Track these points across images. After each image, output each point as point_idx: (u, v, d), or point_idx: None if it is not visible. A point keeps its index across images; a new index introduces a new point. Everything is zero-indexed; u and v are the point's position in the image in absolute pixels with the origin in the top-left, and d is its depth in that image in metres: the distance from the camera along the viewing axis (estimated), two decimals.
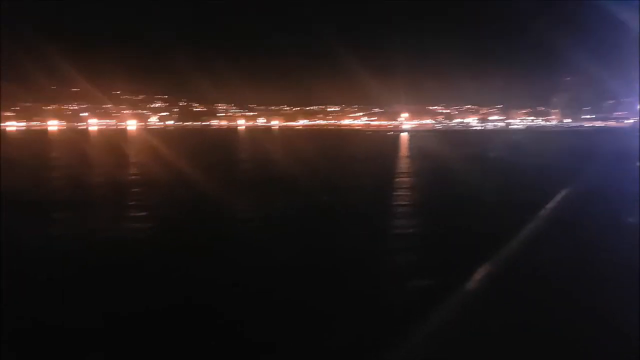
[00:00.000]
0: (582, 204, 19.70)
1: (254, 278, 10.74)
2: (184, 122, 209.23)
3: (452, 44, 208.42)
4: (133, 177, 32.40)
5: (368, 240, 14.33)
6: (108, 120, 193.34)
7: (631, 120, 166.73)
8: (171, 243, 14.18)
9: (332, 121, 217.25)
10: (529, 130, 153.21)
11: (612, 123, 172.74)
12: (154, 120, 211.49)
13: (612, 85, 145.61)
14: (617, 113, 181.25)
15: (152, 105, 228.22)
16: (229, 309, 9.01)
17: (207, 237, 15.00)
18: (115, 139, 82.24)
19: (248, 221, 17.61)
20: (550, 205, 18.69)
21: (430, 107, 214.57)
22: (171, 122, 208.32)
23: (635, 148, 53.50)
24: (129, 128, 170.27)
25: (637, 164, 34.75)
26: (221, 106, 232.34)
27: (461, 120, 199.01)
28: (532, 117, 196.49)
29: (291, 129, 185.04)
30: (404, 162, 41.38)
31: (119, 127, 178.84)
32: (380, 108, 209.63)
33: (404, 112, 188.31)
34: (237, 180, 30.13)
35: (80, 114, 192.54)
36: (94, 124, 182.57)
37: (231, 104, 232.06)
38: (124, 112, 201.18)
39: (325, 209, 19.47)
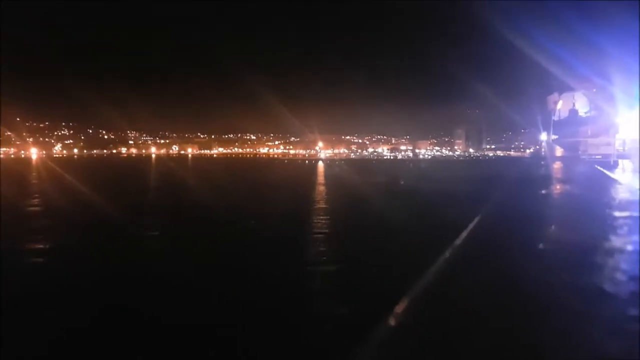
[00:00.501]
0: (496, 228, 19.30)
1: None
2: (90, 150, 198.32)
3: (363, 78, 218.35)
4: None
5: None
6: (5, 149, 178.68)
7: (529, 150, 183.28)
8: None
9: (249, 149, 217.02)
10: (434, 159, 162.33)
11: (512, 153, 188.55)
12: (57, 148, 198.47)
13: (511, 117, 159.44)
14: (516, 143, 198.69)
15: (57, 133, 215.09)
16: None
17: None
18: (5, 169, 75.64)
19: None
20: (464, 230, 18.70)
21: (345, 137, 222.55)
22: (76, 151, 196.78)
23: (537, 175, 58.85)
24: (30, 157, 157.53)
25: (542, 191, 36.53)
26: (132, 134, 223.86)
27: (374, 150, 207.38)
28: (438, 147, 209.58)
29: (205, 157, 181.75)
30: (314, 188, 41.85)
31: (16, 156, 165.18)
32: (297, 137, 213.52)
33: (320, 141, 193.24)
34: (128, 207, 28.54)
35: None
36: None
37: (142, 131, 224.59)
38: (27, 140, 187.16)
39: (224, 234, 18.78)
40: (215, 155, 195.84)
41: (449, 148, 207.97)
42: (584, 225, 19.56)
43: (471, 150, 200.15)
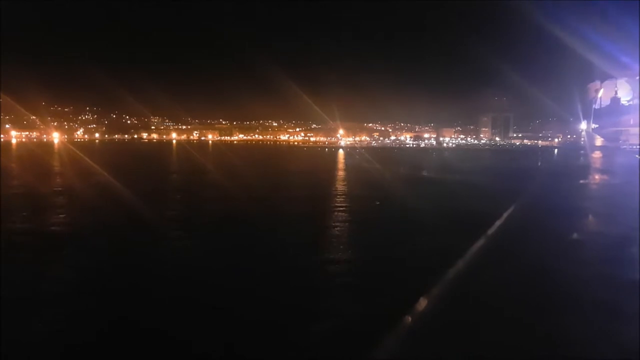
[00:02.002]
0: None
1: None
2: (111, 135, 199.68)
3: (386, 65, 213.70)
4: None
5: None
6: (29, 133, 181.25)
7: (557, 139, 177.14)
8: None
9: (270, 137, 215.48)
10: (459, 147, 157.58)
11: (540, 142, 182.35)
12: (79, 133, 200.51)
13: (542, 105, 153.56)
14: (544, 132, 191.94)
15: (81, 117, 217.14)
16: None
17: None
18: (18, 153, 75.61)
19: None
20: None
21: (368, 125, 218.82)
22: (97, 135, 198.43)
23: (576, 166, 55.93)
24: (53, 141, 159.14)
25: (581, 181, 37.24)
26: (155, 119, 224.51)
27: (396, 137, 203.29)
28: (463, 136, 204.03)
29: (224, 143, 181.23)
30: (326, 177, 39.72)
31: (39, 139, 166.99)
32: (319, 124, 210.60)
33: (342, 128, 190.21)
34: (142, 191, 26.91)
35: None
36: (11, 137, 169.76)
37: (165, 117, 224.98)
38: (51, 124, 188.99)
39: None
40: (235, 142, 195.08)
41: (474, 136, 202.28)
42: None
43: (497, 138, 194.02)
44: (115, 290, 10.65)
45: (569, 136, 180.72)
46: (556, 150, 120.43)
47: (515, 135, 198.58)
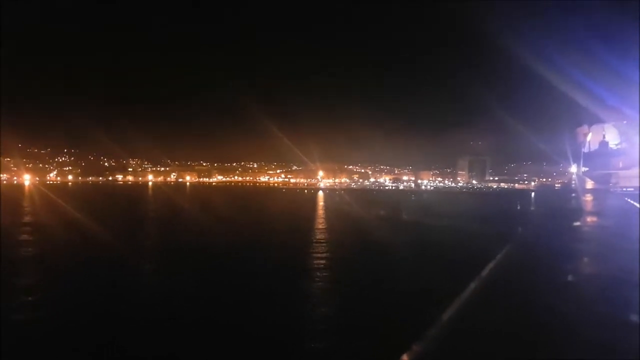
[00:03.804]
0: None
1: None
2: (85, 177, 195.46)
3: (367, 108, 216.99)
4: None
5: None
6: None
7: (534, 183, 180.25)
8: None
9: (249, 178, 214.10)
10: (437, 190, 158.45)
11: (517, 185, 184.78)
12: (52, 175, 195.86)
13: (514, 150, 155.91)
14: (519, 175, 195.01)
15: (58, 159, 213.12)
16: None
17: None
18: None
19: None
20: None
21: (348, 166, 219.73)
22: (70, 177, 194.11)
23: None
24: (24, 183, 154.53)
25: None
26: (133, 161, 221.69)
27: (375, 180, 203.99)
28: (440, 178, 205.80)
29: (202, 185, 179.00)
30: (299, 217, 38.51)
31: (9, 182, 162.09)
32: (299, 166, 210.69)
33: (323, 170, 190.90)
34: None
35: None
36: None
37: (144, 159, 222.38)
38: (26, 166, 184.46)
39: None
40: (214, 183, 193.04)
41: (451, 179, 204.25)
42: None
43: (474, 181, 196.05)
44: None
45: (543, 180, 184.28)
46: (533, 194, 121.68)
47: (491, 178, 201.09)
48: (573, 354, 9.13)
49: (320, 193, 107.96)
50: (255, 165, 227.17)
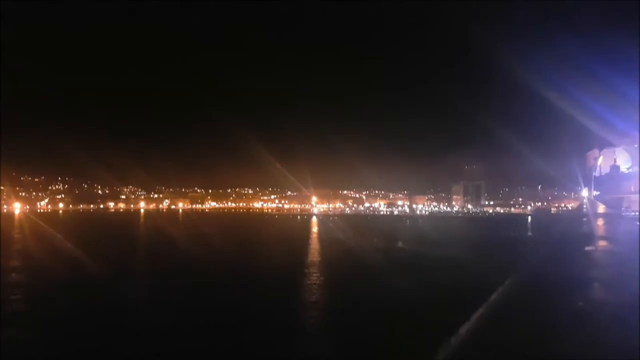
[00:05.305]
0: None
1: None
2: (76, 205, 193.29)
3: (361, 132, 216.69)
4: None
5: None
6: None
7: (530, 207, 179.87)
8: None
9: (243, 204, 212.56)
10: (432, 215, 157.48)
11: (513, 209, 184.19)
12: (42, 203, 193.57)
13: (509, 174, 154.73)
14: (514, 199, 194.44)
15: (52, 187, 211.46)
16: None
17: None
18: None
19: None
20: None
21: (342, 191, 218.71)
22: (61, 206, 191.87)
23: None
24: (14, 212, 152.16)
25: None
26: (127, 189, 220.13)
27: (370, 204, 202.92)
28: (435, 203, 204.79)
29: (195, 211, 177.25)
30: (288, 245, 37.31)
31: None
32: (294, 191, 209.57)
33: (317, 195, 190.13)
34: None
35: None
36: None
37: (137, 186, 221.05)
38: (18, 194, 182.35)
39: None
40: (207, 210, 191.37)
41: (446, 204, 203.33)
42: None
43: (469, 206, 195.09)
44: None
45: (539, 204, 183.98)
46: (529, 218, 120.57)
47: (487, 202, 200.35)
48: None
49: (314, 219, 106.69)
50: (249, 191, 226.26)
